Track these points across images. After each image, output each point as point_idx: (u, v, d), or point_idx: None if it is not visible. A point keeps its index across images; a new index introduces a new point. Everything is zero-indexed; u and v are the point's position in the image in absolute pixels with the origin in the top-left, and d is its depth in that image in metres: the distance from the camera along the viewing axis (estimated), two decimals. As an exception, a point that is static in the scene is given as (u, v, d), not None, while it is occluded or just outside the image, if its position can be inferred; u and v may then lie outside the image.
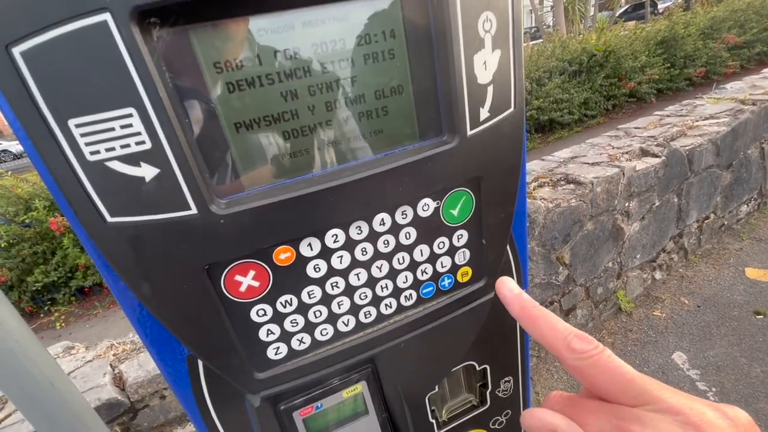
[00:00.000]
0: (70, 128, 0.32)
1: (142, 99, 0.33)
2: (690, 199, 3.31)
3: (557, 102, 7.41)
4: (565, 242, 2.64)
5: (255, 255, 0.43)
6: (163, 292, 0.40)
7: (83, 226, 0.36)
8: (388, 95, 0.44)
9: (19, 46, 0.29)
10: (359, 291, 0.50)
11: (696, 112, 3.75)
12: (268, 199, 0.40)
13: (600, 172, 2.77)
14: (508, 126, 0.48)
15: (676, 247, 3.38)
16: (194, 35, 0.35)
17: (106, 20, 0.30)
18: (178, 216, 0.37)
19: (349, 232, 0.46)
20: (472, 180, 0.49)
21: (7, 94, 0.30)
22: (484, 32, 0.43)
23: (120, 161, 0.34)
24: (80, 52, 0.30)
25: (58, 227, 5.00)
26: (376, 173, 0.43)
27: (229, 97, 0.38)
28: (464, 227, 0.53)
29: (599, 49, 7.66)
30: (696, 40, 8.30)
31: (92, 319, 5.42)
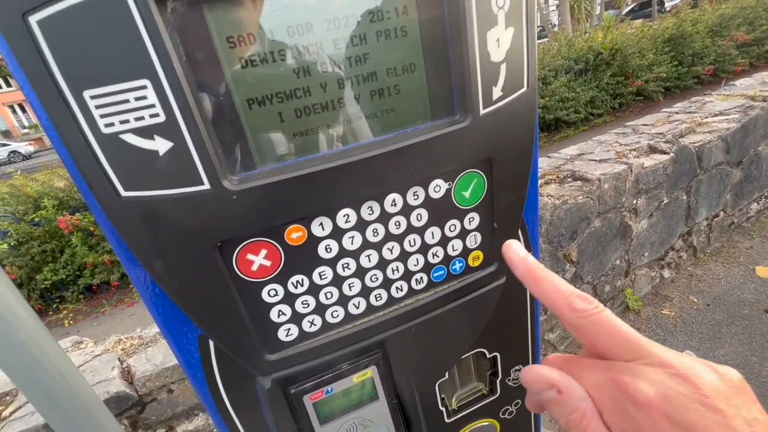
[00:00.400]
0: (85, 99, 0.32)
1: (157, 71, 0.33)
2: (699, 196, 3.27)
3: (563, 101, 7.36)
4: (572, 239, 2.62)
5: (267, 233, 0.43)
6: (175, 269, 0.40)
7: (97, 200, 0.36)
8: (400, 73, 0.43)
9: (36, 15, 0.29)
10: (370, 273, 0.50)
11: (705, 109, 3.70)
12: (281, 176, 0.39)
13: (607, 168, 2.75)
14: (520, 106, 0.48)
15: (685, 245, 3.34)
16: (207, 9, 0.35)
17: (121, -11, 0.30)
18: (190, 191, 0.37)
19: (360, 212, 0.46)
20: (484, 161, 0.49)
21: (23, 64, 0.30)
22: (498, 8, 0.42)
23: (134, 134, 0.34)
24: (96, 21, 0.30)
25: (66, 226, 5.05)
26: (388, 152, 0.43)
27: (241, 73, 0.38)
28: (476, 210, 0.52)
29: (606, 48, 7.60)
30: (704, 38, 8.20)
31: (100, 316, 5.48)
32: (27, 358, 0.98)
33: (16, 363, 0.97)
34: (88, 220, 5.12)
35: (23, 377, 0.97)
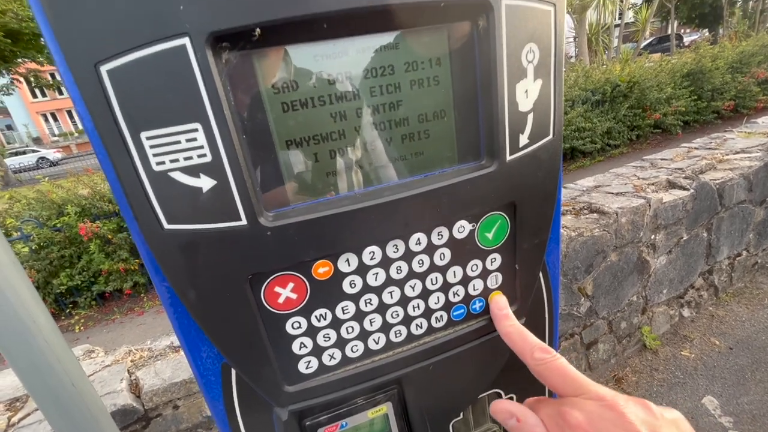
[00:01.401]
0: (142, 140, 0.35)
1: (208, 115, 0.35)
2: (720, 234, 3.19)
3: (579, 130, 7.37)
4: (588, 273, 2.57)
5: (295, 268, 0.44)
6: (207, 298, 0.41)
7: (141, 230, 0.38)
8: (430, 119, 0.45)
9: (106, 65, 0.32)
10: (391, 309, 0.50)
11: (726, 146, 3.66)
12: (313, 214, 0.41)
13: (625, 202, 2.71)
14: (546, 153, 0.49)
15: (706, 284, 3.24)
16: (257, 58, 0.37)
17: (184, 44, 0.33)
18: (228, 226, 0.38)
19: (386, 249, 0.47)
20: (508, 205, 0.50)
21: (90, 106, 0.33)
22: (527, 62, 0.44)
23: (182, 172, 0.36)
24: (159, 71, 0.33)
25: (86, 233, 5.19)
26: (416, 194, 0.44)
27: (282, 116, 0.40)
28: (498, 251, 0.53)
29: (623, 80, 7.65)
30: (724, 74, 8.19)
31: (110, 324, 5.53)
32: (42, 365, 1.00)
33: (31, 369, 0.99)
34: (107, 228, 5.26)
35: (36, 384, 0.99)
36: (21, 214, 5.35)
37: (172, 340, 2.19)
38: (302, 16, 0.34)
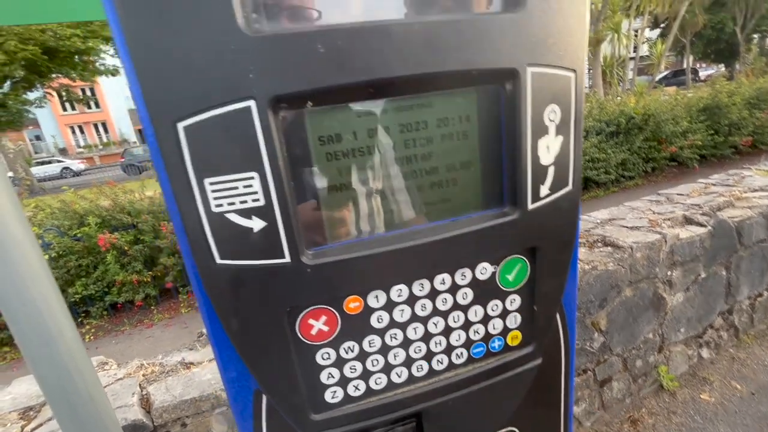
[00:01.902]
0: (205, 185, 0.39)
1: (264, 165, 0.40)
2: (740, 273, 3.12)
3: (593, 161, 7.36)
4: (602, 307, 2.53)
5: (329, 302, 0.47)
6: (248, 328, 0.44)
7: (196, 264, 0.42)
8: (458, 169, 0.49)
9: (183, 122, 0.37)
10: (415, 344, 0.53)
11: (744, 183, 3.62)
12: (349, 254, 0.45)
13: (640, 237, 2.69)
14: (565, 202, 0.52)
15: (726, 324, 3.14)
16: (308, 116, 0.42)
17: (250, 106, 0.37)
18: (273, 263, 0.42)
19: (412, 288, 0.50)
20: (529, 249, 0.53)
21: (165, 157, 0.38)
22: (549, 121, 0.48)
23: (237, 214, 0.41)
24: (226, 128, 0.38)
25: (104, 243, 5.32)
26: (443, 238, 0.48)
27: (326, 164, 0.45)
28: (518, 292, 0.55)
29: (638, 113, 7.68)
30: (741, 110, 8.16)
31: (119, 335, 5.58)
32: (64, 376, 1.04)
33: (53, 379, 1.02)
34: (124, 240, 5.38)
35: (56, 394, 1.02)
36: (44, 222, 5.52)
37: (184, 356, 2.22)
38: (352, 84, 0.39)
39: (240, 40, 0.36)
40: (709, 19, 19.34)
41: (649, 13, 12.22)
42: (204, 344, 1.91)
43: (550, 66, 0.46)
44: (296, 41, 0.37)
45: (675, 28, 12.17)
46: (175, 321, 5.63)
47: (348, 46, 0.38)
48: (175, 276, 5.52)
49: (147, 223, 5.31)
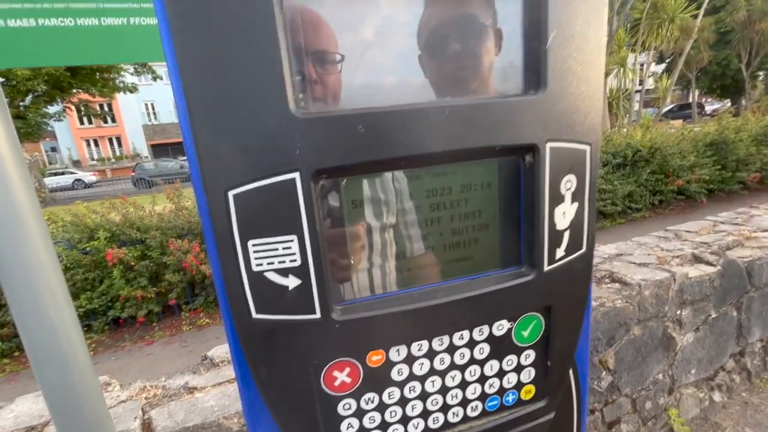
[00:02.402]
0: (248, 246, 0.43)
1: (303, 229, 0.43)
2: (751, 314, 3.07)
3: (600, 192, 7.38)
4: (609, 345, 2.49)
5: (353, 354, 0.50)
6: (276, 377, 0.47)
7: (233, 316, 0.45)
8: (479, 231, 0.52)
9: (233, 191, 0.41)
10: (432, 397, 0.55)
11: (752, 222, 3.61)
12: (375, 311, 0.48)
13: (648, 274, 2.68)
14: (579, 263, 0.55)
15: (738, 367, 3.07)
16: (343, 183, 0.46)
17: (295, 177, 0.41)
18: (305, 318, 0.45)
19: (432, 343, 0.52)
20: (545, 308, 0.55)
21: (215, 220, 0.41)
22: (566, 190, 0.52)
23: (275, 272, 0.44)
24: (272, 196, 0.41)
25: (112, 258, 5.37)
26: (463, 297, 0.50)
27: (356, 228, 0.48)
28: (532, 348, 0.57)
29: (645, 145, 7.74)
30: (748, 146, 8.20)
31: (119, 351, 5.53)
32: (73, 399, 1.05)
33: (61, 400, 1.04)
34: (132, 255, 5.43)
35: (64, 417, 1.03)
36: (56, 234, 5.60)
37: (187, 380, 2.21)
38: (385, 159, 0.43)
39: (290, 121, 0.40)
40: (714, 55, 19.71)
41: (655, 49, 12.51)
42: (208, 368, 1.91)
43: (567, 140, 0.49)
44: (339, 122, 0.41)
45: (680, 64, 12.41)
46: (176, 339, 5.60)
47: (384, 127, 0.42)
48: (179, 293, 5.52)
49: (155, 239, 5.37)
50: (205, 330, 5.61)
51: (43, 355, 1.12)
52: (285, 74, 0.39)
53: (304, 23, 0.41)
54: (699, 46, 16.33)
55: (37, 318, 1.10)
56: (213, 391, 1.88)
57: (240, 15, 0.37)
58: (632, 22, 13.22)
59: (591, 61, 0.47)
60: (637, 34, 12.13)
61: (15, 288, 1.00)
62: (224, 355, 1.85)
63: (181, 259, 5.19)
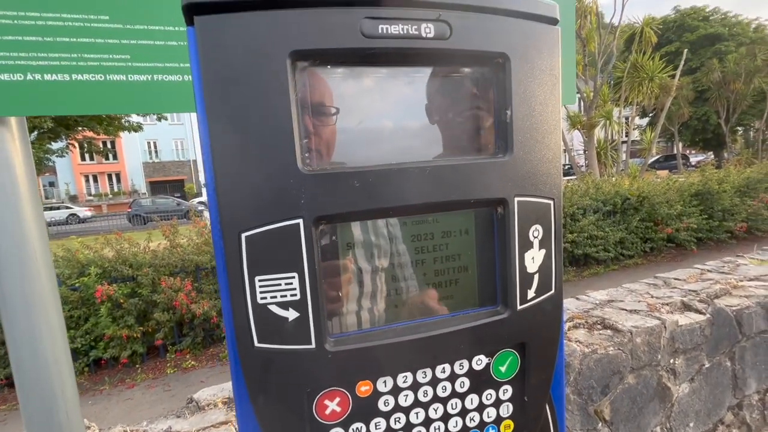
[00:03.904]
0: (255, 282, 0.49)
1: (304, 267, 0.50)
2: (745, 365, 3.05)
3: (592, 238, 7.51)
4: (604, 394, 2.46)
5: (344, 384, 0.54)
6: (272, 403, 0.51)
7: (237, 345, 0.50)
8: (459, 272, 0.59)
9: (246, 233, 0.48)
10: (416, 429, 0.58)
11: (739, 271, 3.69)
12: (364, 343, 0.53)
13: (639, 321, 2.70)
14: (549, 304, 0.61)
15: (737, 421, 3.00)
16: (340, 228, 0.53)
17: (299, 223, 0.49)
18: (301, 348, 0.50)
19: (416, 375, 0.57)
20: (519, 344, 0.61)
21: (228, 259, 0.48)
22: (534, 237, 0.59)
23: (277, 305, 0.50)
24: (278, 238, 0.49)
25: (101, 295, 5.27)
26: (445, 332, 0.56)
27: (350, 265, 0.55)
28: (509, 383, 0.62)
29: (633, 194, 8.00)
30: (732, 197, 8.48)
31: (97, 395, 5.27)
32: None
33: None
34: (121, 293, 5.34)
35: None
36: (46, 270, 5.52)
37: (170, 424, 2.13)
38: (375, 209, 0.51)
39: (297, 176, 0.48)
40: (694, 111, 20.91)
41: (638, 104, 13.30)
42: (193, 412, 1.87)
43: (533, 196, 0.58)
44: (337, 177, 0.50)
45: (662, 118, 13.15)
46: (159, 382, 5.37)
47: (376, 182, 0.50)
48: (166, 333, 5.38)
49: (147, 276, 5.31)
50: (190, 373, 5.40)
51: (32, 389, 1.13)
52: (295, 138, 0.48)
53: (312, 96, 0.51)
54: (679, 103, 17.37)
55: (32, 351, 1.12)
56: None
57: (261, 90, 0.47)
58: (615, 80, 14.18)
59: (549, 132, 0.57)
60: (620, 90, 12.96)
61: (14, 319, 1.03)
62: (211, 398, 1.81)
63: (172, 298, 5.11)
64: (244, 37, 0.45)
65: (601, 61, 12.71)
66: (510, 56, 0.54)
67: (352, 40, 0.48)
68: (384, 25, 0.48)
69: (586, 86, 12.84)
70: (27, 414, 1.09)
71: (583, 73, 12.75)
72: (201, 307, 4.83)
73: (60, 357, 1.12)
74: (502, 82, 0.55)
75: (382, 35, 0.48)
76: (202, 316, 4.89)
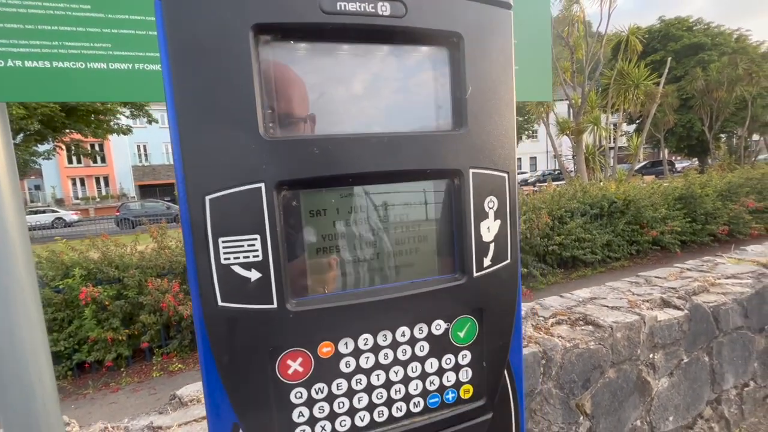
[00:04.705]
0: (219, 243, 0.51)
1: (266, 230, 0.52)
2: (722, 360, 3.13)
3: (579, 240, 7.63)
4: (585, 388, 2.50)
5: (305, 345, 0.57)
6: (236, 362, 0.53)
7: (202, 304, 0.52)
8: (419, 241, 0.62)
9: (210, 196, 0.50)
10: (377, 390, 0.61)
11: (717, 270, 3.79)
12: (325, 304, 0.56)
13: (620, 317, 2.76)
14: (505, 272, 0.64)
15: (716, 415, 3.06)
16: (302, 195, 0.56)
17: (260, 187, 0.51)
18: (263, 308, 0.53)
19: (377, 338, 0.60)
20: (477, 310, 0.64)
21: (192, 221, 0.51)
22: (489, 208, 0.63)
23: (239, 266, 0.52)
24: (241, 202, 0.51)
25: (85, 297, 5.18)
26: (404, 295, 0.59)
27: (313, 232, 0.57)
28: (468, 348, 0.65)
29: (619, 197, 8.15)
30: (714, 201, 8.69)
31: (80, 399, 5.17)
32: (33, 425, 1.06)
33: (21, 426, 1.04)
34: (107, 294, 5.26)
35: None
36: (29, 272, 5.42)
37: (152, 419, 2.12)
38: (336, 175, 0.54)
39: (259, 142, 0.51)
40: (679, 118, 21.40)
41: (624, 111, 13.58)
42: (175, 408, 1.86)
43: (487, 168, 0.61)
44: (298, 145, 0.52)
45: (648, 125, 13.45)
46: (144, 386, 5.28)
47: (335, 150, 0.53)
48: (153, 335, 5.30)
49: (133, 278, 5.24)
50: (177, 376, 5.33)
51: (8, 377, 1.13)
52: (257, 105, 0.51)
53: (275, 75, 0.54)
54: (664, 110, 17.78)
55: (10, 341, 1.12)
56: (179, 430, 1.82)
57: (226, 65, 0.50)
58: (602, 87, 14.47)
59: (502, 108, 0.61)
60: (607, 96, 13.23)
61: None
62: (194, 394, 1.81)
63: (159, 299, 5.05)
64: (209, 10, 0.48)
65: (588, 68, 12.98)
66: (464, 36, 0.57)
67: (311, 15, 0.51)
68: (342, 2, 0.52)
69: (575, 93, 13.09)
70: (5, 405, 1.08)
71: (571, 79, 13.00)
72: (188, 308, 4.78)
73: (38, 349, 1.12)
74: (457, 60, 0.58)
75: (341, 12, 0.52)
76: (190, 318, 4.84)
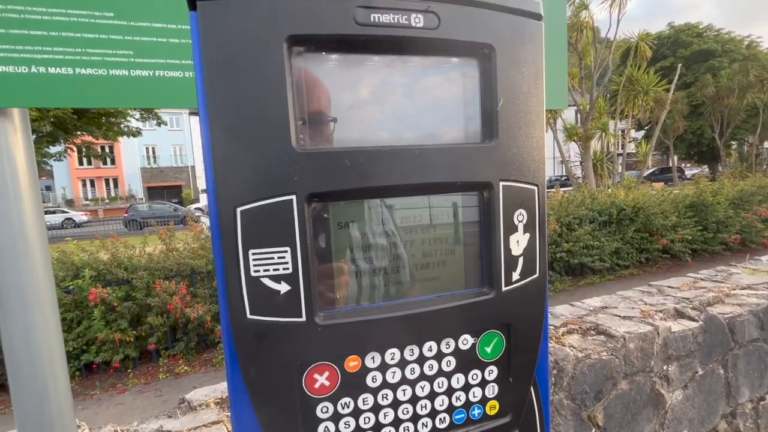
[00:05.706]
0: (249, 255, 0.51)
1: (296, 243, 0.52)
2: (738, 373, 3.06)
3: (587, 248, 7.55)
4: (597, 399, 2.46)
5: (333, 359, 0.56)
6: (263, 375, 0.53)
7: (230, 316, 0.52)
8: (446, 254, 0.61)
9: (241, 207, 0.50)
10: (403, 406, 0.60)
11: (732, 280, 3.72)
12: (353, 318, 0.55)
13: (632, 327, 2.72)
14: (533, 287, 0.63)
15: (731, 430, 3.00)
16: (332, 207, 0.56)
17: (292, 199, 0.51)
18: (292, 321, 0.52)
19: (404, 352, 0.59)
20: (504, 325, 0.63)
21: (223, 231, 0.50)
22: (518, 222, 0.62)
23: (269, 278, 0.52)
24: (272, 213, 0.51)
25: (95, 298, 5.22)
26: (432, 309, 0.58)
27: (342, 244, 0.57)
28: (495, 364, 0.64)
29: (628, 204, 8.06)
30: (726, 209, 8.55)
31: (87, 399, 5.20)
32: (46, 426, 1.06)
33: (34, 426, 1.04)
34: (115, 296, 5.29)
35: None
36: (40, 272, 5.48)
37: (162, 423, 2.12)
38: (365, 188, 0.53)
39: (292, 154, 0.51)
40: (689, 125, 21.19)
41: (633, 117, 13.48)
42: (185, 412, 1.86)
43: (517, 181, 0.60)
44: (329, 157, 0.52)
45: (657, 131, 13.32)
46: (151, 387, 5.30)
47: (366, 162, 0.53)
48: (160, 337, 5.32)
49: (142, 279, 5.28)
50: (183, 378, 5.34)
51: (24, 380, 1.13)
52: (290, 118, 0.50)
53: (307, 84, 0.54)
54: (674, 116, 17.62)
55: (26, 343, 1.12)
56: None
57: (260, 77, 0.50)
58: (611, 93, 14.39)
59: (532, 121, 0.60)
60: (616, 103, 13.14)
61: (9, 309, 1.04)
62: (203, 399, 1.81)
63: (166, 301, 5.08)
64: (244, 22, 0.48)
65: (597, 74, 12.91)
66: (495, 47, 0.57)
67: (345, 27, 0.51)
68: (376, 14, 0.51)
69: (583, 99, 13.02)
70: (18, 406, 1.09)
71: (579, 85, 12.94)
72: (195, 311, 4.80)
73: (54, 350, 1.13)
74: (488, 72, 0.58)
75: (374, 24, 0.51)
76: (197, 320, 4.85)
